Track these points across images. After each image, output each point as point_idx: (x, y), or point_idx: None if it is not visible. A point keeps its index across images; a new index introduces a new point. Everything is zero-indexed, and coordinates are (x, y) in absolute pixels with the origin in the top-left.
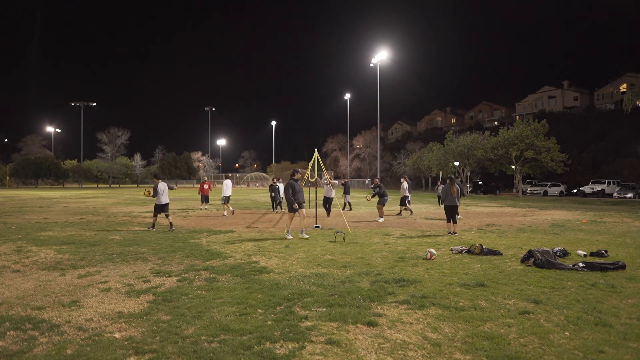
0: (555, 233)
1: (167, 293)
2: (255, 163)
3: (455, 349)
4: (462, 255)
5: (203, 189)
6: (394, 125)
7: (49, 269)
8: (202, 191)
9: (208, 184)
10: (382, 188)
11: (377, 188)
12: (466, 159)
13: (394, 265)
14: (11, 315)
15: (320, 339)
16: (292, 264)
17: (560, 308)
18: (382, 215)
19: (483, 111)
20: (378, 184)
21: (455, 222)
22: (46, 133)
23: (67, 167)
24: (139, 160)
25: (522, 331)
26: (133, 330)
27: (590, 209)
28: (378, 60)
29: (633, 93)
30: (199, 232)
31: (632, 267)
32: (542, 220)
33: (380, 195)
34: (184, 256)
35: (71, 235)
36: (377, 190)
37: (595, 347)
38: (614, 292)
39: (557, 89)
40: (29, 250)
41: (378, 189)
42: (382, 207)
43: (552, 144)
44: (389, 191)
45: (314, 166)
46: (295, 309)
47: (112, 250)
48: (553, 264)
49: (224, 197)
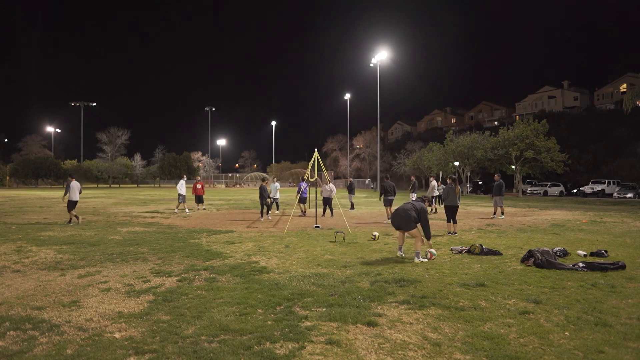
0: (555, 233)
1: (167, 293)
2: (255, 163)
3: (455, 349)
4: (462, 255)
5: (196, 189)
6: (394, 125)
7: (49, 269)
8: (196, 191)
9: (202, 184)
10: (385, 187)
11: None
12: (466, 159)
13: (394, 265)
14: (11, 315)
15: (320, 339)
16: (292, 264)
17: (560, 308)
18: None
19: (483, 111)
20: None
21: (455, 222)
22: (46, 133)
23: (67, 167)
24: (139, 160)
25: (522, 331)
26: (133, 330)
27: (590, 209)
28: (378, 60)
29: (633, 93)
30: (199, 232)
31: (632, 267)
32: (542, 220)
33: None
34: (184, 256)
35: (71, 235)
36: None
37: (595, 347)
38: (614, 292)
39: (557, 89)
40: (29, 250)
41: (382, 189)
42: (389, 208)
43: (552, 144)
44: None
45: (314, 166)
46: (295, 309)
47: (112, 250)
48: (553, 264)
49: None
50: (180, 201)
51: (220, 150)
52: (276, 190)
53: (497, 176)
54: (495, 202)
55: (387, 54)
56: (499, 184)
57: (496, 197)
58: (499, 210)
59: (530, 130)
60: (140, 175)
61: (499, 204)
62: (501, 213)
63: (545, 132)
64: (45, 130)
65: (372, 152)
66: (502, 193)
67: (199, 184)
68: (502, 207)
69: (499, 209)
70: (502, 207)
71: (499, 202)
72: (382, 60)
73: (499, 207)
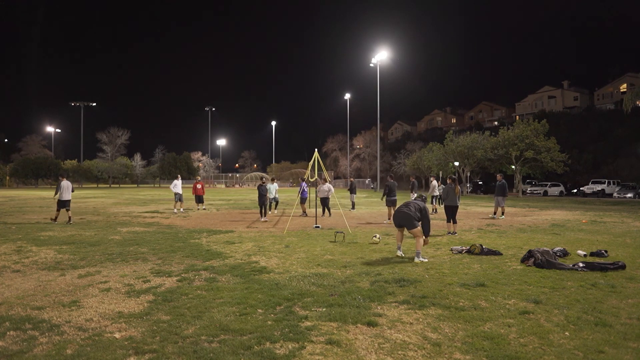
0: (555, 233)
1: (167, 293)
2: (255, 163)
3: (455, 349)
4: (462, 255)
5: (196, 189)
6: (394, 125)
7: (49, 269)
8: (196, 191)
9: (202, 184)
10: (387, 188)
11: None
12: (466, 159)
13: (394, 265)
14: (11, 315)
15: (320, 339)
16: (292, 264)
17: (560, 308)
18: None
19: (483, 111)
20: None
21: (455, 222)
22: (46, 133)
23: (67, 167)
24: (139, 160)
25: (522, 331)
26: (133, 330)
27: (590, 209)
28: (378, 60)
29: (633, 93)
30: (199, 232)
31: (632, 267)
32: (542, 220)
33: (388, 195)
34: (184, 256)
35: (71, 235)
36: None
37: (595, 347)
38: (614, 292)
39: (557, 89)
40: (29, 250)
41: (386, 189)
42: (392, 208)
43: (552, 144)
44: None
45: (314, 166)
46: (295, 309)
47: (112, 250)
48: (553, 264)
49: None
50: (176, 200)
51: (220, 150)
52: (275, 191)
53: (500, 176)
54: (497, 202)
55: (387, 54)
56: (502, 184)
57: (498, 197)
58: (499, 210)
59: (530, 130)
60: (140, 175)
61: (501, 204)
62: (502, 213)
63: (545, 132)
64: (45, 130)
65: (372, 152)
66: (505, 193)
67: (199, 184)
68: (502, 207)
69: (500, 209)
70: (502, 207)
71: (501, 202)
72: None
73: (500, 207)
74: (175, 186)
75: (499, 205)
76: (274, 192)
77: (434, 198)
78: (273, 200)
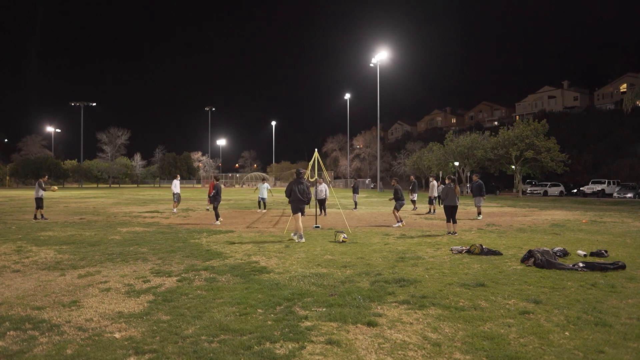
0: (555, 233)
1: (167, 293)
2: (255, 163)
3: (455, 349)
4: (462, 255)
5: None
6: (394, 125)
7: (49, 269)
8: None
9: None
10: (400, 192)
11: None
12: (466, 159)
13: (394, 265)
14: (11, 315)
15: (320, 339)
16: (292, 264)
17: (560, 308)
18: (399, 220)
19: (483, 111)
20: (395, 185)
21: (455, 222)
22: (46, 133)
23: (67, 167)
24: (139, 160)
25: (522, 331)
26: (133, 330)
27: (590, 209)
28: (378, 60)
29: (633, 93)
30: (199, 232)
31: (632, 267)
32: (542, 220)
33: (396, 199)
34: (184, 256)
35: (71, 235)
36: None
37: (595, 347)
38: (614, 292)
39: (557, 89)
40: (29, 250)
41: (399, 193)
42: (398, 212)
43: (552, 144)
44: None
45: (314, 166)
46: (295, 309)
47: (112, 250)
48: (553, 264)
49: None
50: (175, 200)
51: (220, 150)
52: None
53: (476, 176)
54: (474, 202)
55: (387, 54)
56: (478, 184)
57: (475, 197)
58: (477, 210)
59: (530, 130)
60: (140, 175)
61: (477, 204)
62: (478, 213)
63: (545, 132)
64: (45, 130)
65: (372, 152)
66: (482, 193)
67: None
68: (479, 208)
69: (477, 209)
70: (479, 208)
71: (477, 202)
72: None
73: (477, 206)
74: (175, 186)
75: (476, 205)
76: (265, 191)
77: (434, 198)
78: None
